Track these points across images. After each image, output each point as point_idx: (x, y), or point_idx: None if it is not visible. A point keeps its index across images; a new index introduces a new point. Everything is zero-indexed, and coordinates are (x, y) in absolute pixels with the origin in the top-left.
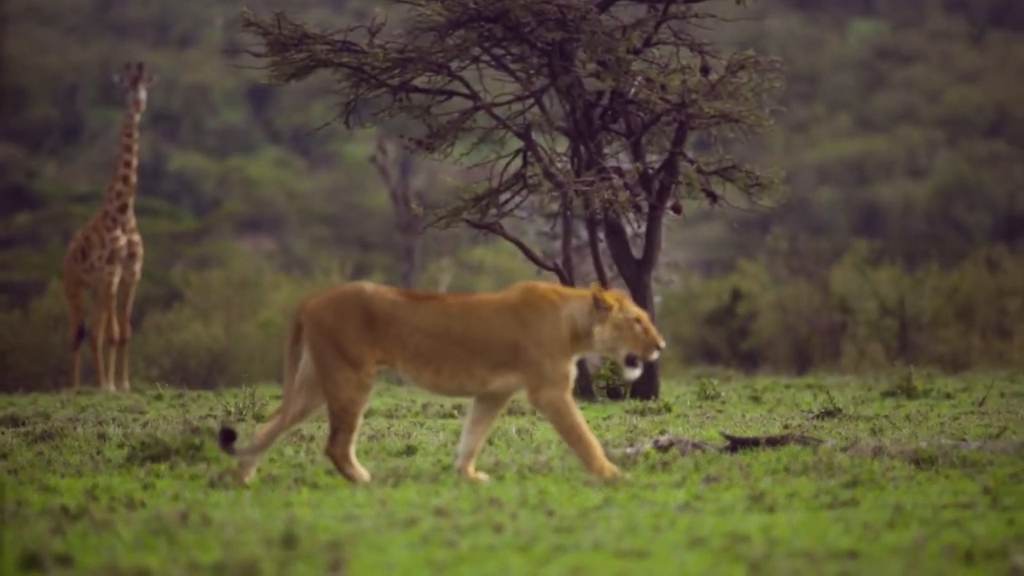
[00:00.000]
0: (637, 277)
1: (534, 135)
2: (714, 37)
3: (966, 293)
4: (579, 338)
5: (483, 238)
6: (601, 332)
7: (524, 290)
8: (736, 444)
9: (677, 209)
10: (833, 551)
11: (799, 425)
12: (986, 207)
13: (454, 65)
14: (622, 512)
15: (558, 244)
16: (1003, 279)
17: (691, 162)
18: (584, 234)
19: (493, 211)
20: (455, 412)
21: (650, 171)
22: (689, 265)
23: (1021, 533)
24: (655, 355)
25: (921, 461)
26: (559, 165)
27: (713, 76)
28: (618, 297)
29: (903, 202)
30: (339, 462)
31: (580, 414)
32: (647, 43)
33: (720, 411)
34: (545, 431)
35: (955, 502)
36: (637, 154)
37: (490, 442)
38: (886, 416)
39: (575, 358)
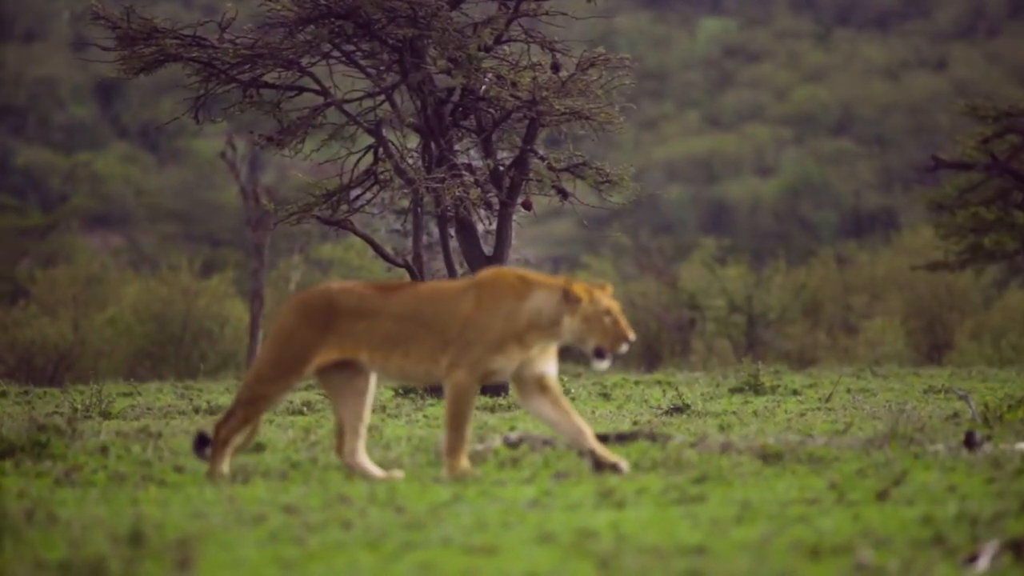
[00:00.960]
0: None
1: (385, 132)
2: (564, 35)
3: (813, 290)
4: (541, 328)
5: (334, 235)
6: (570, 323)
7: (493, 274)
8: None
9: (527, 206)
10: (681, 547)
11: (648, 421)
12: (832, 205)
13: (304, 61)
14: (471, 508)
15: (409, 241)
16: (849, 276)
17: (542, 159)
18: (435, 231)
19: (344, 208)
20: (304, 409)
21: (501, 168)
22: (539, 261)
23: (867, 528)
24: (624, 347)
25: (768, 457)
26: (410, 162)
27: (563, 73)
28: (588, 289)
29: (751, 199)
30: (218, 444)
31: (472, 408)
32: (498, 40)
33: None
34: (395, 427)
35: (802, 498)
36: (488, 151)
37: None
38: (734, 412)
39: (537, 346)
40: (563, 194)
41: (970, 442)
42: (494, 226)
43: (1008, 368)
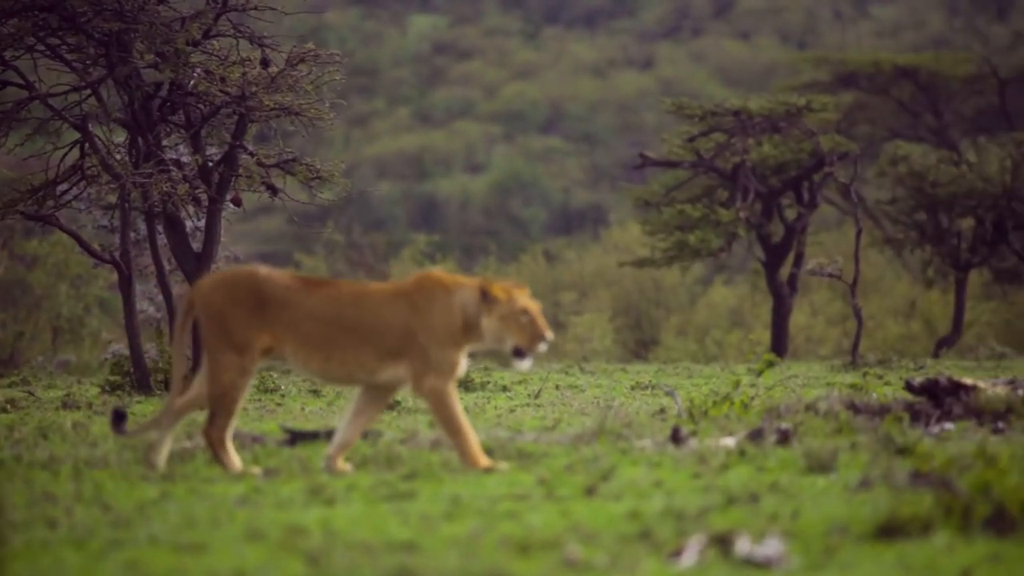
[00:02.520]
0: (196, 271)
1: (91, 126)
2: (274, 30)
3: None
4: (470, 328)
5: (39, 230)
6: (488, 323)
7: (419, 277)
8: (296, 437)
9: (237, 202)
10: (391, 543)
11: None
12: (542, 202)
13: (8, 54)
14: (179, 506)
15: (117, 237)
16: (559, 273)
17: (251, 155)
18: (143, 227)
19: (50, 203)
20: (8, 407)
21: (210, 164)
22: (249, 258)
23: (575, 524)
24: (543, 347)
25: None
26: (117, 157)
27: (273, 69)
28: (506, 288)
29: (461, 196)
30: (215, 446)
31: (460, 406)
32: (207, 35)
33: (280, 404)
34: (101, 425)
35: (511, 493)
36: (197, 146)
37: (44, 436)
38: None
39: (467, 348)
40: (273, 190)
41: (676, 438)
42: (203, 222)
43: (713, 364)
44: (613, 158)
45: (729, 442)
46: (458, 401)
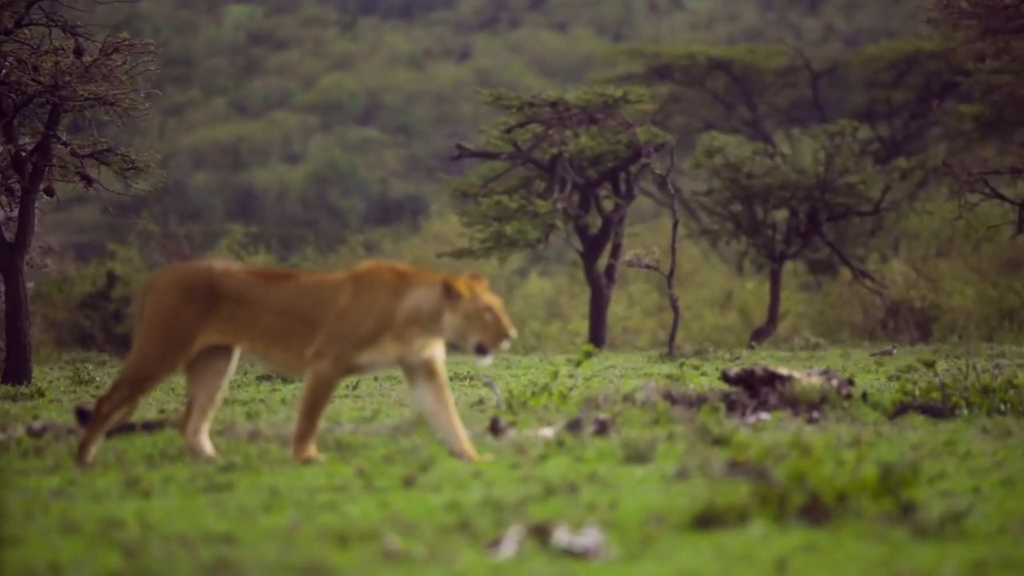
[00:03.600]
0: (10, 261)
1: None
2: (87, 19)
3: None
4: (421, 324)
5: None
6: (451, 319)
7: (370, 267)
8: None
9: (50, 192)
10: (209, 535)
11: (175, 409)
12: (360, 192)
13: None
14: None
15: None
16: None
17: (65, 145)
18: None
19: None
20: None
21: (23, 153)
22: (63, 249)
23: (394, 514)
24: (506, 344)
25: None
26: None
27: (87, 58)
28: (470, 284)
29: (279, 186)
30: (97, 419)
31: (328, 400)
32: (18, 24)
33: (95, 396)
34: None
35: (329, 485)
36: (9, 136)
37: None
38: (262, 400)
39: (417, 341)
40: (87, 180)
41: (495, 428)
42: (16, 213)
43: (531, 355)
44: (431, 149)
45: (548, 433)
46: (330, 394)
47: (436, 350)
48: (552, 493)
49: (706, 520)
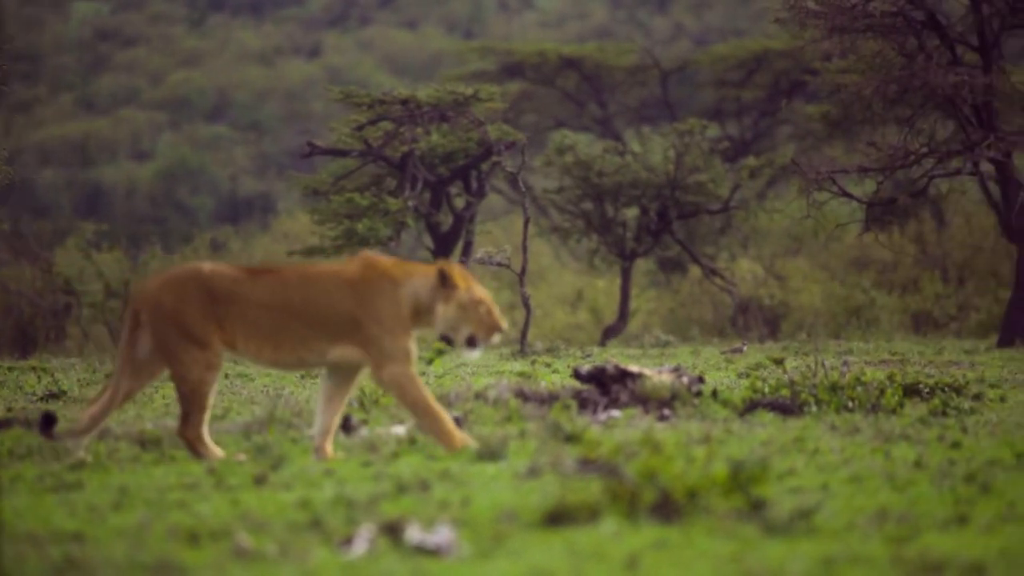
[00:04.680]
0: None
1: None
2: None
3: None
4: (420, 314)
5: None
6: (444, 311)
7: (363, 264)
8: None
9: None
10: (58, 533)
11: (23, 408)
12: (209, 190)
13: None
14: None
15: None
16: (227, 261)
17: None
18: None
19: None
20: None
21: None
22: None
23: (245, 513)
24: (497, 338)
25: (147, 443)
26: None
27: None
28: (464, 276)
29: (127, 184)
30: (193, 444)
31: (425, 388)
32: None
33: None
34: None
35: (180, 483)
36: None
37: None
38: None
39: (416, 332)
40: None
41: (347, 426)
42: None
43: None
44: (281, 146)
45: (399, 430)
46: (422, 384)
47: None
48: (404, 491)
49: (558, 517)
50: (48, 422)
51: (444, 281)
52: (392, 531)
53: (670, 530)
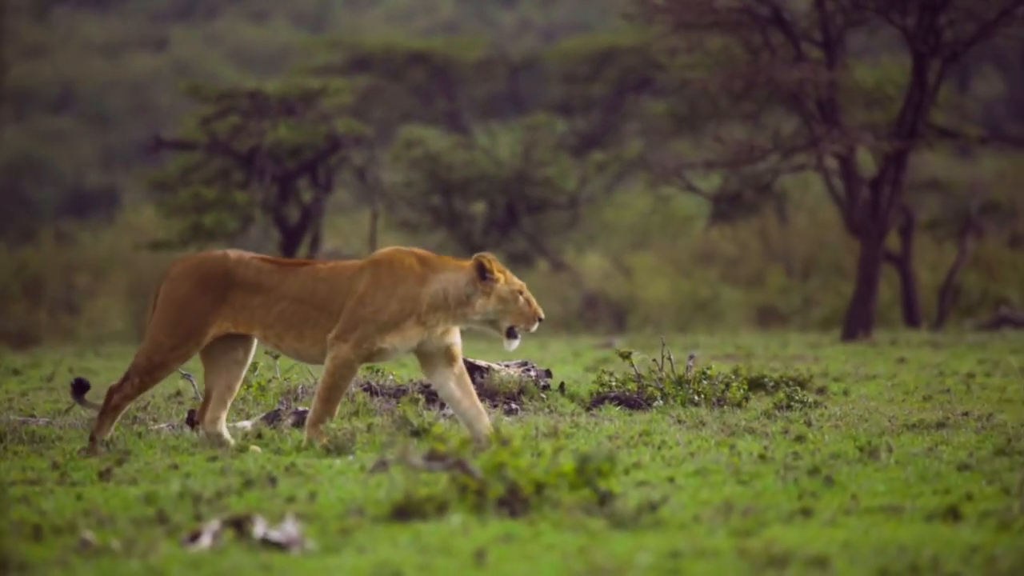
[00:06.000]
0: None
1: None
2: None
3: (34, 269)
4: (447, 309)
5: None
6: (484, 303)
7: (390, 254)
8: None
9: None
10: None
11: None
12: (54, 183)
13: None
14: None
15: None
16: (72, 255)
17: None
18: None
19: None
20: None
21: None
22: None
23: (90, 507)
24: (536, 327)
25: None
26: None
27: None
28: (501, 268)
29: None
30: (108, 409)
31: (348, 385)
32: None
33: None
34: None
35: (24, 478)
36: None
37: None
38: None
39: (441, 326)
40: None
41: (192, 421)
42: None
43: None
44: (127, 139)
45: (246, 424)
46: (350, 380)
47: (454, 336)
48: (250, 485)
49: (405, 511)
50: (80, 387)
51: (484, 275)
52: (238, 526)
53: (518, 524)
